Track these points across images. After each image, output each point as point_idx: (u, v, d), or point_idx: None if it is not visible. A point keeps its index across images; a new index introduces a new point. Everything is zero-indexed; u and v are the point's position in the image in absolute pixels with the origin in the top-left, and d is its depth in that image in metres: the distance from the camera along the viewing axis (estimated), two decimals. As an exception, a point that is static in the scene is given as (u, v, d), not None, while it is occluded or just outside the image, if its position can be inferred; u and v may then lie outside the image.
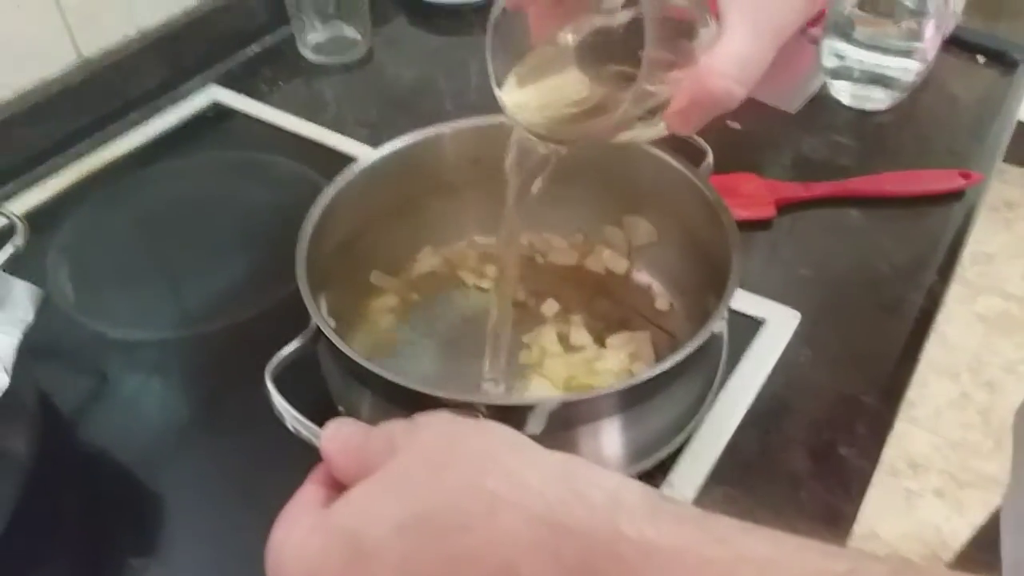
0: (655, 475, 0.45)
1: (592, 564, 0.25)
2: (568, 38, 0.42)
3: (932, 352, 0.54)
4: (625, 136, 0.41)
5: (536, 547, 0.25)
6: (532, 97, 0.42)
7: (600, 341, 0.52)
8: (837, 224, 0.63)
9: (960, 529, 1.36)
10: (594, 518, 0.26)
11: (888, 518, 1.38)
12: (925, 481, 1.45)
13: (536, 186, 0.43)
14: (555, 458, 0.29)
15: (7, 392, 0.40)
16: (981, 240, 1.86)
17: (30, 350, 0.43)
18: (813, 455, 0.47)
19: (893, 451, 1.46)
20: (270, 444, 0.41)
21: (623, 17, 0.41)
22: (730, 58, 0.39)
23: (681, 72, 0.39)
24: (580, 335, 0.52)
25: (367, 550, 0.27)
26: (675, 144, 0.52)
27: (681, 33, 0.39)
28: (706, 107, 0.39)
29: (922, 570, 0.23)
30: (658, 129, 0.40)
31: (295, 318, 0.42)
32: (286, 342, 0.41)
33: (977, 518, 0.97)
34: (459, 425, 0.31)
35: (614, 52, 0.41)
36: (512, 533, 0.26)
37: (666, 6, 0.38)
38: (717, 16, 0.40)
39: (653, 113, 0.39)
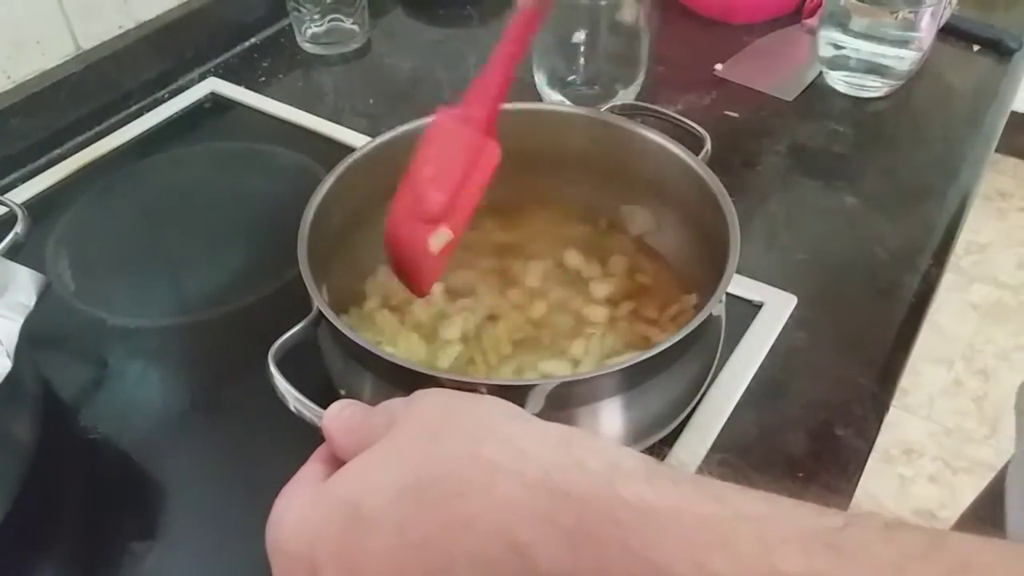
0: (652, 456, 0.45)
1: (589, 527, 0.24)
2: None
3: (926, 340, 0.54)
4: None
5: (533, 512, 0.25)
6: None
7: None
8: (833, 209, 0.63)
9: (955, 515, 1.36)
10: (592, 483, 0.25)
11: (882, 504, 1.39)
12: (919, 467, 1.46)
13: None
14: (552, 428, 0.29)
15: (9, 376, 0.41)
16: (974, 229, 1.86)
17: (30, 337, 0.43)
18: (810, 436, 0.47)
19: (887, 438, 1.47)
20: (271, 428, 0.41)
21: None
22: None
23: None
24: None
25: (365, 518, 0.27)
26: (673, 133, 0.52)
27: None
28: None
29: (915, 527, 0.23)
30: None
31: (293, 305, 0.43)
32: (286, 328, 0.41)
33: (971, 504, 0.98)
34: (456, 397, 0.31)
35: None
36: (509, 499, 0.26)
37: None
38: None
39: None
